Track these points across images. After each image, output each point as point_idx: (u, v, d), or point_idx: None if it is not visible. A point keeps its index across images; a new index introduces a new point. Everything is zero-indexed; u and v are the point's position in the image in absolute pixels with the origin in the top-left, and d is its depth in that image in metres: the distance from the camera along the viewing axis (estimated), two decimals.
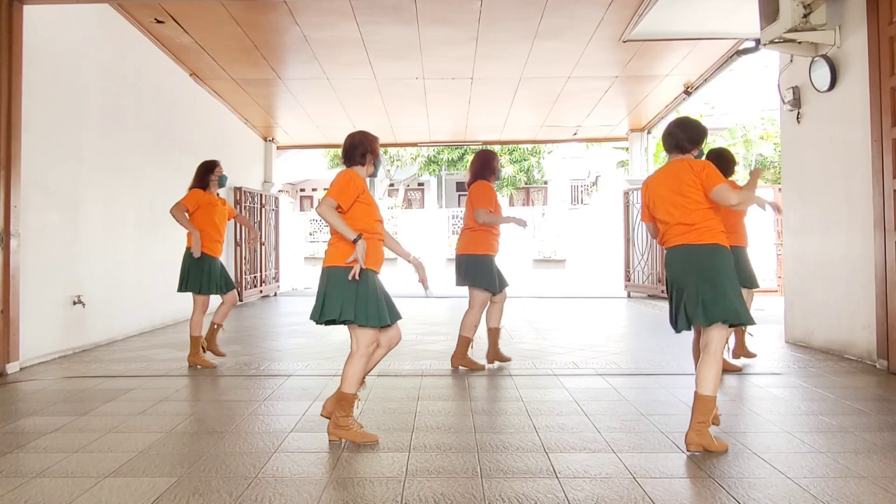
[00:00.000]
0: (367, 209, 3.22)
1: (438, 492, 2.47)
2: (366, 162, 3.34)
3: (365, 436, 3.09)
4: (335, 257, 3.13)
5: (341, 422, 3.08)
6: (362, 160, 3.33)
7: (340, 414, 3.08)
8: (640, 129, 11.27)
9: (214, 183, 5.11)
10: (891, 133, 4.59)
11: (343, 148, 3.37)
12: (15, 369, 4.79)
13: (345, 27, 6.60)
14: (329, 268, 3.15)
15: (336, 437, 3.09)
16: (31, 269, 5.06)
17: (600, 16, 6.39)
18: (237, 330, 7.22)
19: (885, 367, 4.63)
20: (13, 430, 3.31)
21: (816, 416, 3.51)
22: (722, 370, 3.06)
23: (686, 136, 3.21)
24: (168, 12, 6.28)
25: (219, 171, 5.14)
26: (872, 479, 2.57)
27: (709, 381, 2.94)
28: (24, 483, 2.58)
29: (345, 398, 3.09)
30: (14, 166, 4.75)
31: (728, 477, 2.60)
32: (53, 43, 5.43)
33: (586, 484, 2.55)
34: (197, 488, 2.51)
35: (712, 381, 2.94)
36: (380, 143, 3.46)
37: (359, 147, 3.32)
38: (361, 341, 3.12)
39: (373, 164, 3.37)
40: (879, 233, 4.69)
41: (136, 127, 6.82)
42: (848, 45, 5.02)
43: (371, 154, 3.35)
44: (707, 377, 2.95)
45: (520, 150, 23.36)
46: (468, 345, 4.86)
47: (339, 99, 9.33)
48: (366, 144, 3.33)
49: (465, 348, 4.85)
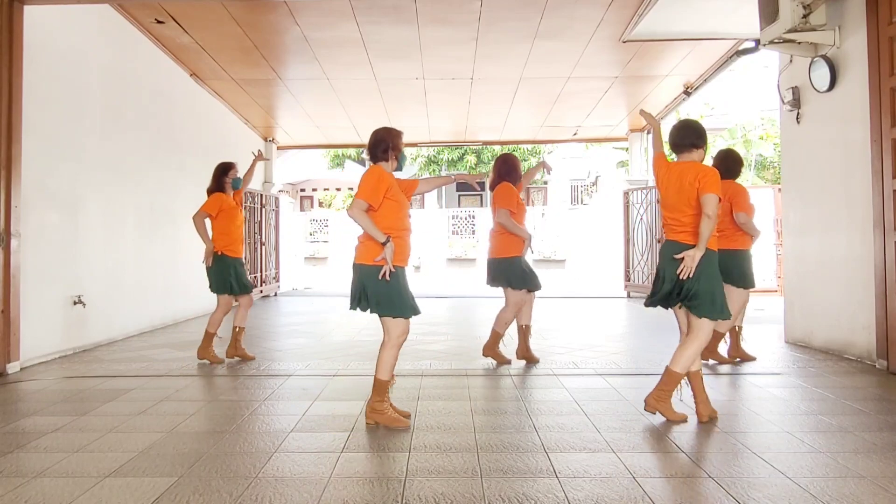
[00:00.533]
0: (395, 206, 3.32)
1: (439, 491, 2.47)
2: (389, 158, 3.42)
3: (398, 420, 3.30)
4: (366, 255, 3.28)
5: (376, 406, 3.32)
6: (385, 156, 3.41)
7: (376, 399, 3.32)
8: (639, 129, 11.28)
9: (228, 185, 5.14)
10: (890, 133, 4.59)
11: (367, 145, 3.48)
12: (15, 369, 4.79)
13: (345, 27, 6.60)
14: (362, 265, 3.30)
15: (372, 421, 3.33)
16: (32, 269, 5.06)
17: (600, 16, 6.40)
18: None
19: (885, 367, 4.63)
20: (14, 430, 3.31)
21: (816, 415, 3.51)
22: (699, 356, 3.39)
23: (697, 135, 3.41)
24: (168, 12, 6.28)
25: (233, 174, 5.17)
26: (872, 478, 2.57)
27: (681, 360, 3.32)
28: (24, 483, 2.59)
29: (380, 384, 3.33)
30: (15, 166, 4.75)
31: (728, 476, 2.60)
32: (54, 43, 5.44)
33: (586, 484, 2.55)
34: (197, 488, 2.52)
35: (684, 361, 3.31)
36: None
37: (381, 143, 3.41)
38: (393, 331, 3.32)
39: (396, 159, 3.45)
40: (879, 233, 4.69)
41: (136, 127, 6.82)
42: (847, 45, 5.02)
43: (393, 150, 3.43)
44: (681, 357, 3.33)
45: (520, 150, 23.34)
46: (499, 339, 4.99)
47: (339, 99, 9.33)
48: (388, 140, 3.42)
49: (496, 342, 4.98)
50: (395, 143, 3.42)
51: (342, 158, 24.17)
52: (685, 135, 3.43)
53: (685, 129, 3.45)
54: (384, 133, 3.45)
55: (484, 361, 5.06)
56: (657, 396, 3.34)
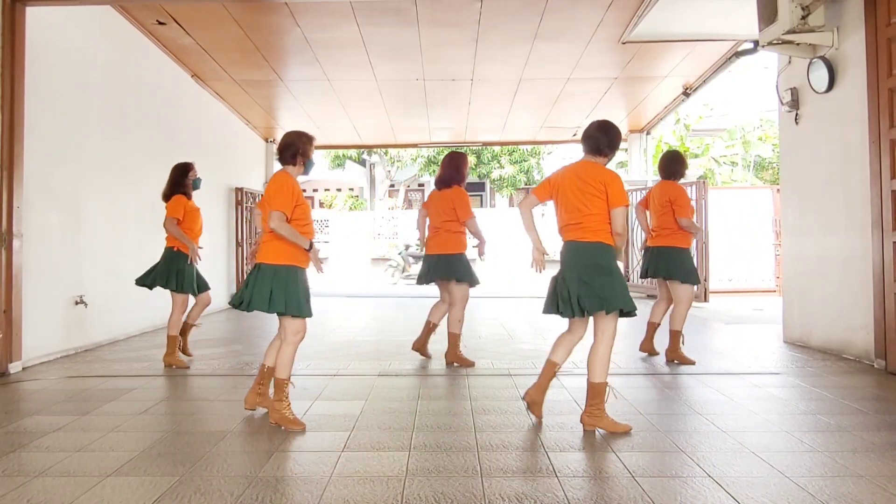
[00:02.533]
0: (303, 210, 3.39)
1: (439, 490, 2.48)
2: (297, 163, 3.45)
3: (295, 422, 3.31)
4: (274, 255, 3.33)
5: (276, 405, 3.34)
6: (293, 160, 3.44)
7: (276, 398, 3.36)
8: (639, 130, 11.30)
9: (189, 186, 5.08)
10: (888, 134, 4.61)
11: (278, 146, 3.52)
12: (17, 369, 4.81)
13: (345, 29, 6.62)
14: (271, 265, 3.33)
15: (273, 420, 3.34)
16: (34, 269, 5.08)
17: (600, 17, 6.42)
18: (238, 330, 7.24)
19: (883, 367, 4.64)
20: (16, 430, 3.33)
21: (814, 415, 3.52)
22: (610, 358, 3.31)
23: (607, 141, 3.34)
24: (170, 14, 6.30)
25: (193, 174, 5.09)
26: (870, 477, 2.59)
27: (597, 369, 3.23)
28: (26, 482, 2.60)
29: (279, 383, 3.37)
30: (17, 167, 4.77)
31: (726, 476, 2.62)
32: (56, 44, 5.46)
33: (585, 483, 2.57)
34: (198, 487, 2.53)
35: (600, 368, 3.23)
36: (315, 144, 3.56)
37: (290, 147, 3.44)
38: (292, 330, 3.39)
39: (303, 165, 3.48)
40: (877, 233, 4.70)
41: (137, 128, 6.84)
42: (846, 46, 5.04)
43: (302, 155, 3.45)
44: (595, 366, 3.24)
45: (519, 150, 23.40)
46: (458, 340, 4.99)
47: (339, 100, 9.35)
48: (297, 145, 3.44)
49: (457, 344, 4.99)
50: (304, 149, 3.44)
51: (343, 159, 24.19)
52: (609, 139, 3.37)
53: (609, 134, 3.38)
54: (294, 137, 3.45)
55: (483, 361, 5.08)
56: (590, 413, 3.21)
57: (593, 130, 3.37)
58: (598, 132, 3.35)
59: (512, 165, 23.55)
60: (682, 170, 5.13)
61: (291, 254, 3.34)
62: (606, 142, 3.33)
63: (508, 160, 23.48)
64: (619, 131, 3.42)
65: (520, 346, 5.89)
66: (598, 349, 3.27)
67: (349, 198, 26.93)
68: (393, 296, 11.95)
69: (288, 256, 3.33)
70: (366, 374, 4.68)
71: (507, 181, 23.57)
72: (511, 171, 23.51)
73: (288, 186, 3.31)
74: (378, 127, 11.23)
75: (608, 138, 3.34)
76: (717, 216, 10.49)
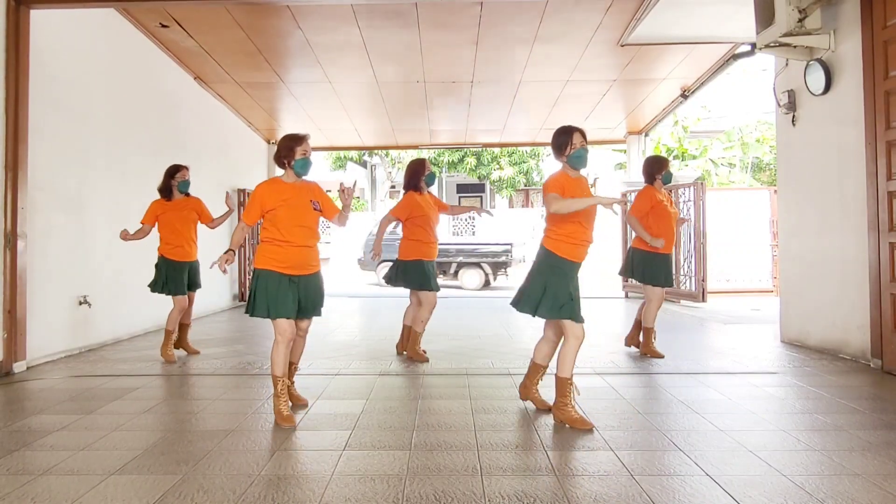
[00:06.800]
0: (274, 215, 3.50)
1: (439, 489, 2.51)
2: (285, 166, 3.57)
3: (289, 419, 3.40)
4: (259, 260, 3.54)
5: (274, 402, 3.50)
6: (281, 165, 3.58)
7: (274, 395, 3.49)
8: (637, 131, 11.33)
9: (175, 187, 5.28)
10: (884, 136, 4.64)
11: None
12: (22, 368, 4.84)
13: (347, 31, 6.65)
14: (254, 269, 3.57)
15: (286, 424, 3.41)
16: (38, 269, 5.11)
17: (598, 20, 6.45)
18: (241, 329, 7.27)
19: (879, 367, 4.68)
20: (20, 429, 3.36)
21: (811, 414, 3.55)
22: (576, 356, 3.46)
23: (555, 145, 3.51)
24: (173, 17, 6.34)
25: (180, 177, 5.28)
26: (866, 476, 2.61)
27: (564, 365, 3.41)
28: (30, 480, 2.63)
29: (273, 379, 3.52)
30: (21, 168, 4.80)
31: (724, 474, 2.64)
32: (61, 47, 5.49)
33: (585, 482, 2.59)
34: (201, 486, 2.55)
35: (567, 365, 3.41)
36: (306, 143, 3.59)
37: (277, 153, 3.59)
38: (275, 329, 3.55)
39: (290, 168, 3.56)
40: (873, 234, 4.74)
41: (140, 129, 6.87)
42: (842, 49, 5.08)
43: (285, 158, 3.55)
44: (563, 362, 3.43)
45: (519, 152, 23.43)
46: (419, 338, 5.22)
47: (340, 102, 9.38)
48: (281, 150, 3.55)
49: (417, 341, 5.21)
50: (286, 152, 3.53)
51: (344, 161, 24.21)
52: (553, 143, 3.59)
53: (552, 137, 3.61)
54: (280, 142, 3.57)
55: (483, 361, 5.11)
56: (557, 406, 3.42)
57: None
58: (552, 138, 3.57)
59: (512, 167, 23.58)
60: (656, 173, 5.26)
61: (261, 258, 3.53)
62: (555, 146, 3.54)
63: (508, 161, 23.52)
64: (562, 132, 3.52)
65: (520, 346, 5.91)
66: (564, 348, 3.48)
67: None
68: (393, 296, 11.97)
69: (258, 261, 3.54)
70: (367, 374, 4.71)
71: (507, 182, 23.61)
72: (511, 173, 23.55)
73: (254, 196, 3.52)
74: (379, 129, 11.27)
75: (554, 142, 3.54)
76: (715, 217, 10.54)
